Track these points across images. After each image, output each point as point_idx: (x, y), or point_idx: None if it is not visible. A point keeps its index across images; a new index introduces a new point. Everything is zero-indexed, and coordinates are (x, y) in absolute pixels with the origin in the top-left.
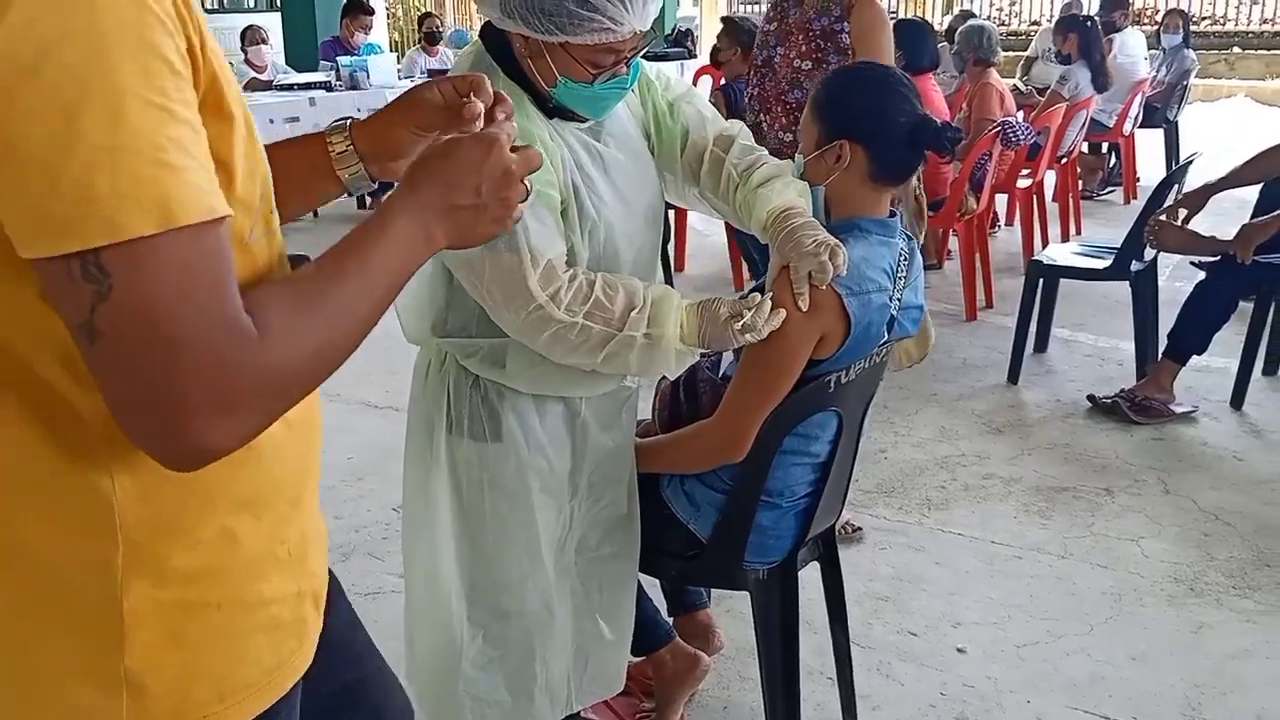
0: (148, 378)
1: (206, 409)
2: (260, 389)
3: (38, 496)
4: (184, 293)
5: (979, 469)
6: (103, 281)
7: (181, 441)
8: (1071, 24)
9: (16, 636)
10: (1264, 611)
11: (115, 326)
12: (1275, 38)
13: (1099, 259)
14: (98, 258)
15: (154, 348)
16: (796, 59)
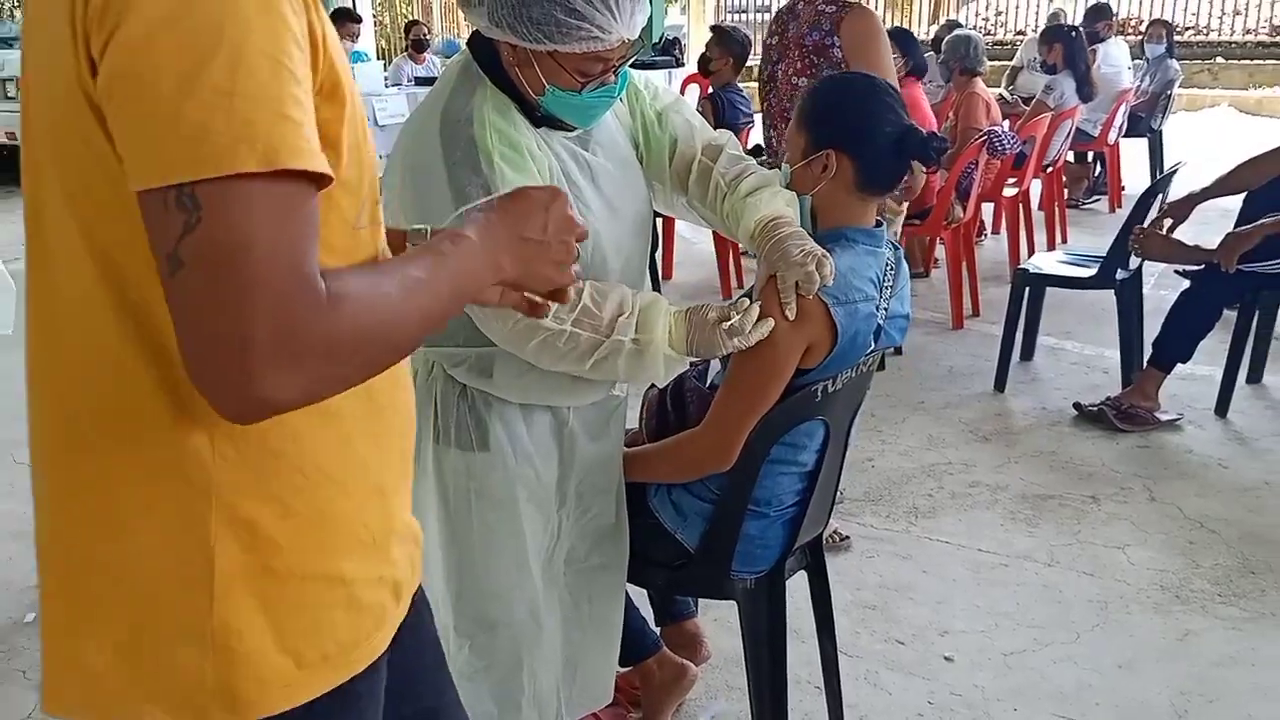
0: (218, 315)
1: (269, 357)
2: (323, 351)
3: (141, 450)
4: (267, 239)
5: (966, 477)
6: (192, 213)
7: (240, 387)
8: (1056, 34)
9: (114, 591)
10: (1249, 619)
11: (196, 258)
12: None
13: (1084, 268)
14: (192, 190)
15: (229, 285)
16: (794, 75)
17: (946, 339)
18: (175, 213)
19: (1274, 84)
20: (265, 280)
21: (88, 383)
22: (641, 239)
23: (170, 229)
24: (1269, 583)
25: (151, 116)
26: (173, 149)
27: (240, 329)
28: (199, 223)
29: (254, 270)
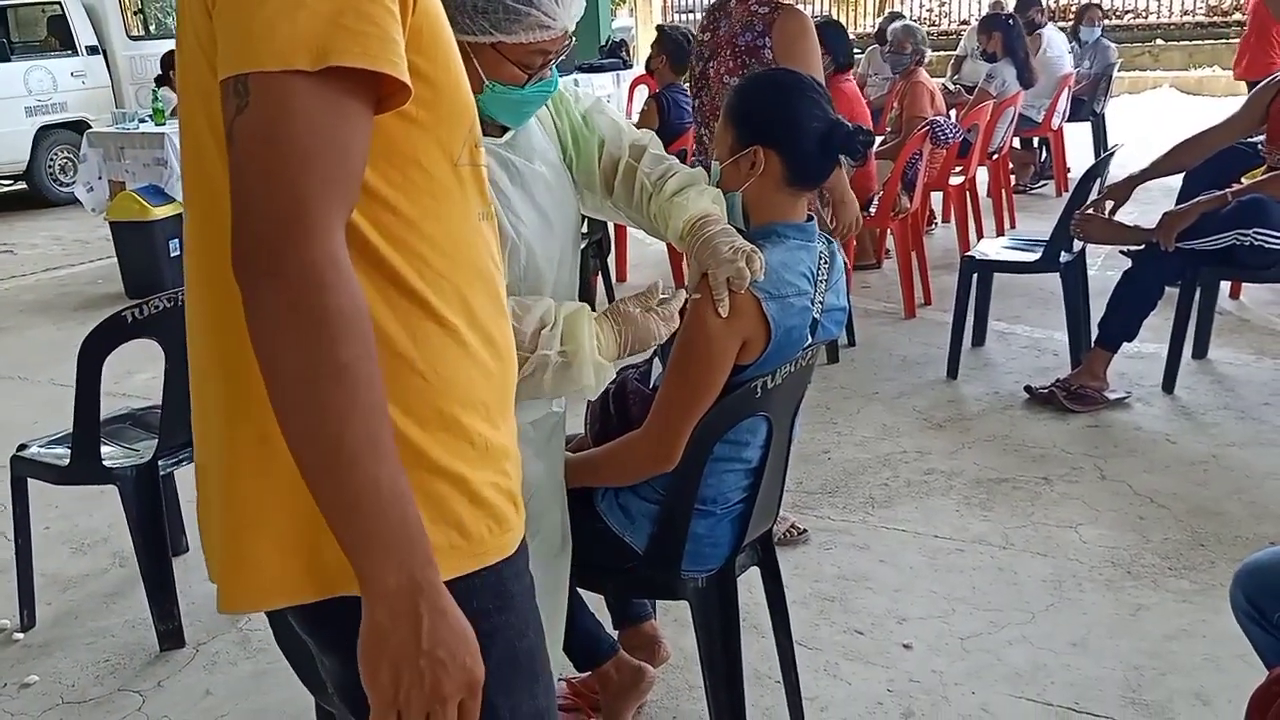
0: (241, 186)
1: (261, 243)
2: (294, 285)
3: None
4: (292, 139)
5: (920, 465)
6: (243, 98)
7: (243, 245)
8: (994, 23)
9: (271, 488)
10: (1199, 590)
11: (240, 136)
12: (1196, 28)
13: (1029, 252)
14: (246, 80)
15: (254, 165)
16: (725, 74)
17: (899, 329)
18: (232, 99)
19: (1213, 63)
20: (282, 177)
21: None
22: (573, 247)
23: (229, 111)
24: (1218, 554)
25: (234, 21)
26: (241, 46)
27: (251, 204)
28: (246, 108)
29: (275, 163)
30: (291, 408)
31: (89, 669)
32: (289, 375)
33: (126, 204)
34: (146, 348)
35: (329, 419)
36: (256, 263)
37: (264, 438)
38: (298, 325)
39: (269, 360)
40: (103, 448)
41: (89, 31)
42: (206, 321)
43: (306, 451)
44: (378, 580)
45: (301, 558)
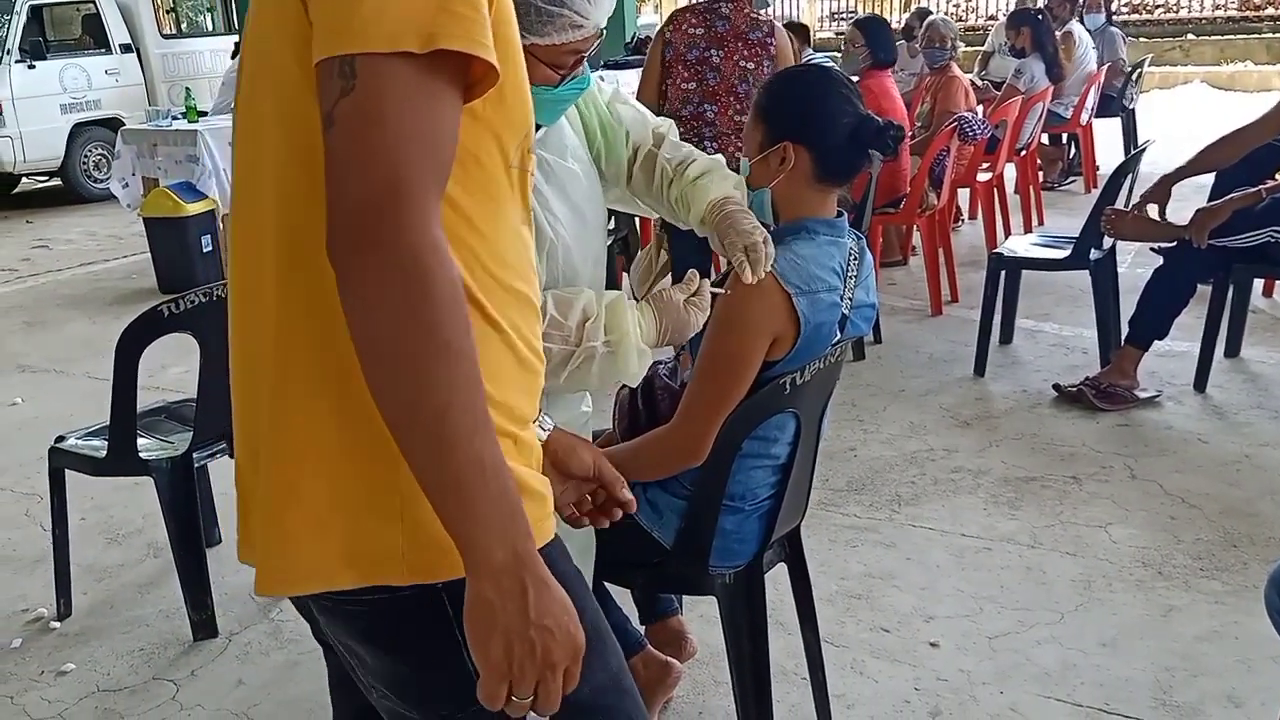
0: (346, 171)
1: (361, 225)
2: (399, 260)
3: (334, 324)
4: (400, 120)
5: (948, 463)
6: (349, 80)
7: (344, 225)
8: (1023, 18)
9: (313, 469)
10: (1231, 592)
11: (343, 119)
12: (1228, 23)
13: (1058, 249)
14: (353, 62)
15: (359, 148)
16: (741, 60)
17: (925, 326)
18: (336, 79)
19: (1245, 59)
20: (391, 158)
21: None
22: (603, 241)
23: (331, 92)
24: (1250, 556)
25: (340, 3)
26: (348, 27)
27: (353, 186)
28: (352, 89)
29: (379, 142)
30: (394, 385)
31: (124, 658)
32: (392, 352)
33: (160, 200)
34: (180, 342)
35: (434, 396)
36: (359, 243)
37: (312, 419)
38: (402, 303)
39: (370, 338)
40: (139, 440)
41: (122, 30)
42: (264, 304)
43: (409, 429)
44: (485, 555)
45: (340, 543)
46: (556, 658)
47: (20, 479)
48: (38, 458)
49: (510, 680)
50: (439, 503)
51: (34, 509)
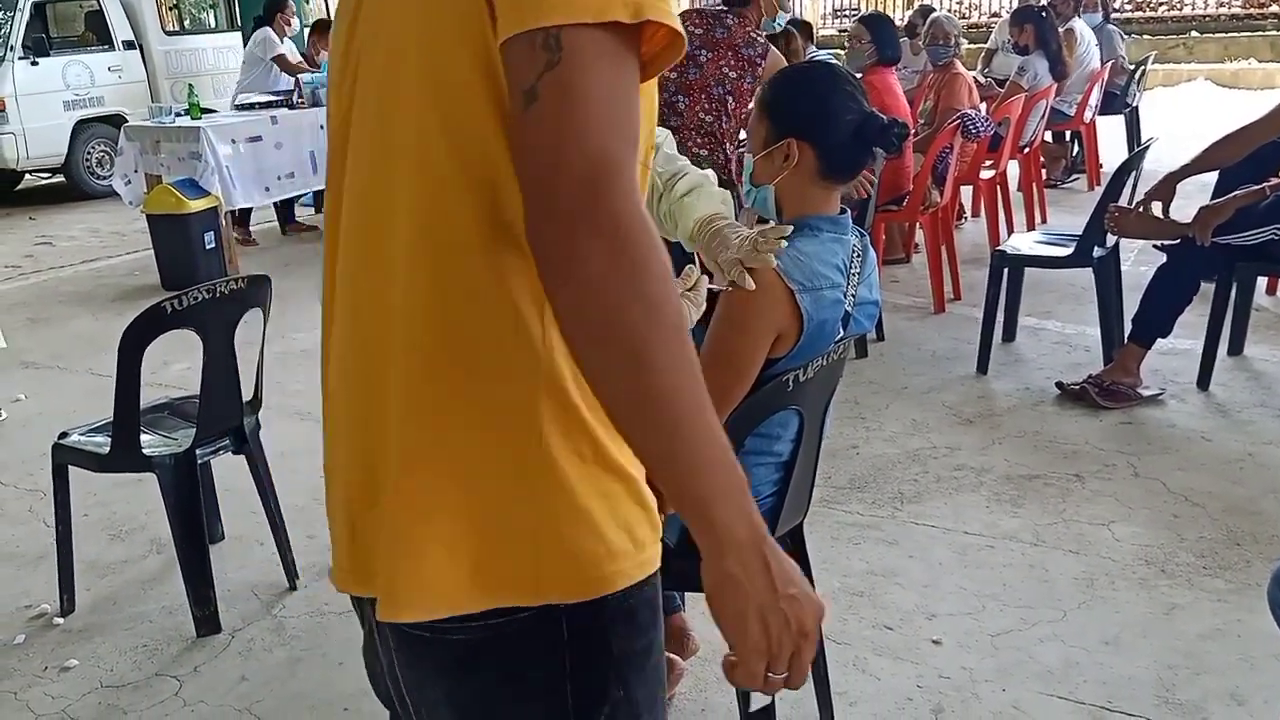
0: (554, 148)
1: (582, 201)
2: (619, 237)
3: (477, 339)
4: (606, 95)
5: (950, 460)
6: (555, 53)
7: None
8: (1027, 15)
9: (450, 485)
10: (1234, 590)
11: (549, 93)
12: (1232, 21)
13: (1061, 247)
14: (559, 34)
15: (569, 122)
16: (726, 67)
17: (928, 323)
18: (540, 52)
19: (1249, 56)
20: (596, 129)
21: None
22: None
23: (533, 67)
24: (1253, 554)
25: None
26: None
27: (567, 163)
28: (559, 62)
29: (589, 115)
30: (624, 367)
31: (127, 654)
32: (621, 333)
33: (162, 197)
34: (183, 339)
35: (668, 373)
36: (579, 221)
37: (448, 428)
38: (627, 281)
39: (596, 320)
40: (142, 436)
41: (125, 27)
42: (387, 306)
43: (643, 411)
44: (728, 532)
45: (470, 562)
46: (809, 625)
47: (23, 475)
48: (41, 454)
49: (769, 657)
50: (679, 486)
51: (37, 505)
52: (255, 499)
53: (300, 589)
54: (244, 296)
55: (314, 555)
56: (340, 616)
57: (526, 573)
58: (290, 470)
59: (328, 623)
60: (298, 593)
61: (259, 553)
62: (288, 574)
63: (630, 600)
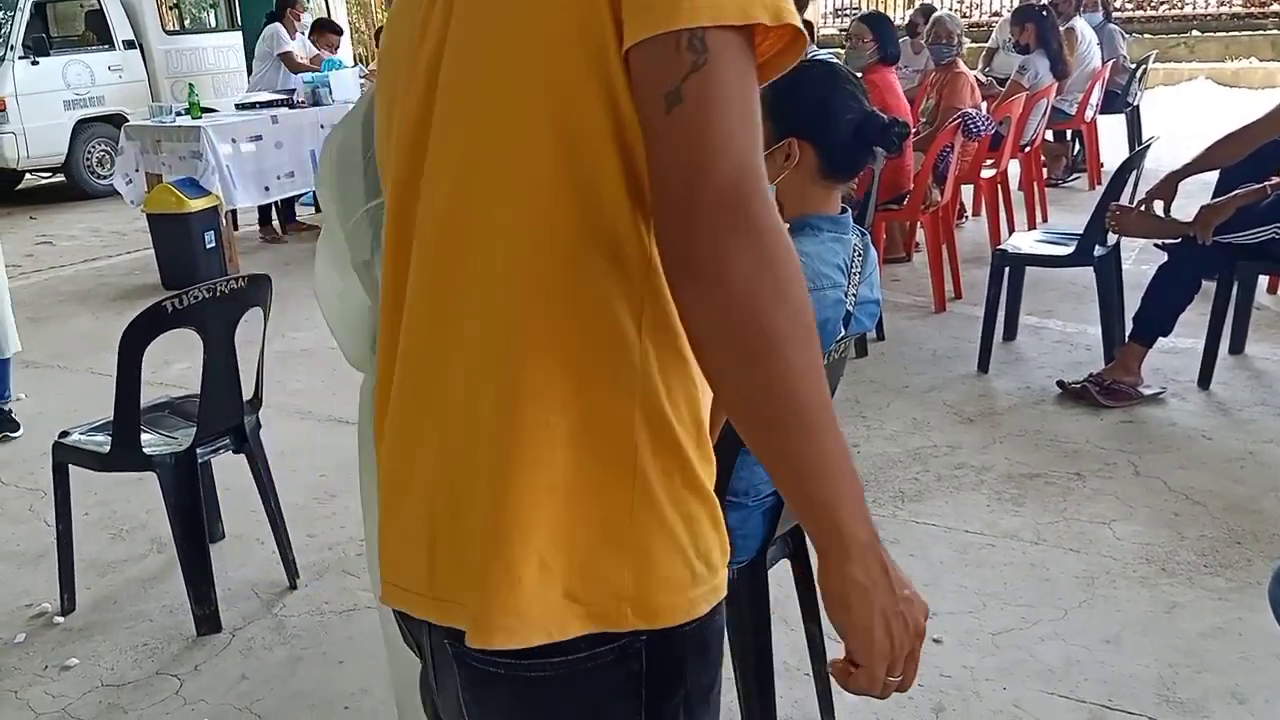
0: (701, 150)
1: (729, 201)
2: (765, 243)
3: (579, 349)
4: (744, 98)
5: (951, 459)
6: (700, 54)
7: (707, 209)
8: (1028, 14)
9: (544, 500)
10: (1235, 588)
11: (697, 96)
12: (1233, 20)
13: (1062, 246)
14: (704, 34)
15: (717, 124)
16: None
17: (929, 322)
18: (685, 53)
19: (1250, 55)
20: (739, 133)
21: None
22: None
23: (677, 68)
24: (1254, 552)
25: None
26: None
27: (713, 167)
28: (704, 64)
29: (733, 119)
30: (769, 375)
31: (127, 653)
32: (768, 342)
33: (163, 196)
34: (184, 338)
35: (807, 378)
36: (729, 227)
37: (548, 439)
38: (772, 288)
39: (743, 329)
40: (142, 435)
41: (126, 26)
42: (484, 315)
43: (784, 418)
44: (853, 536)
45: (563, 584)
46: (922, 625)
47: (24, 474)
48: (41, 453)
49: (892, 660)
50: (806, 489)
51: (38, 504)
52: (255, 498)
53: (301, 588)
54: (244, 296)
55: (314, 554)
56: (340, 615)
57: (618, 595)
58: (290, 469)
59: (328, 621)
60: (298, 591)
61: (259, 551)
62: (288, 573)
63: (704, 631)
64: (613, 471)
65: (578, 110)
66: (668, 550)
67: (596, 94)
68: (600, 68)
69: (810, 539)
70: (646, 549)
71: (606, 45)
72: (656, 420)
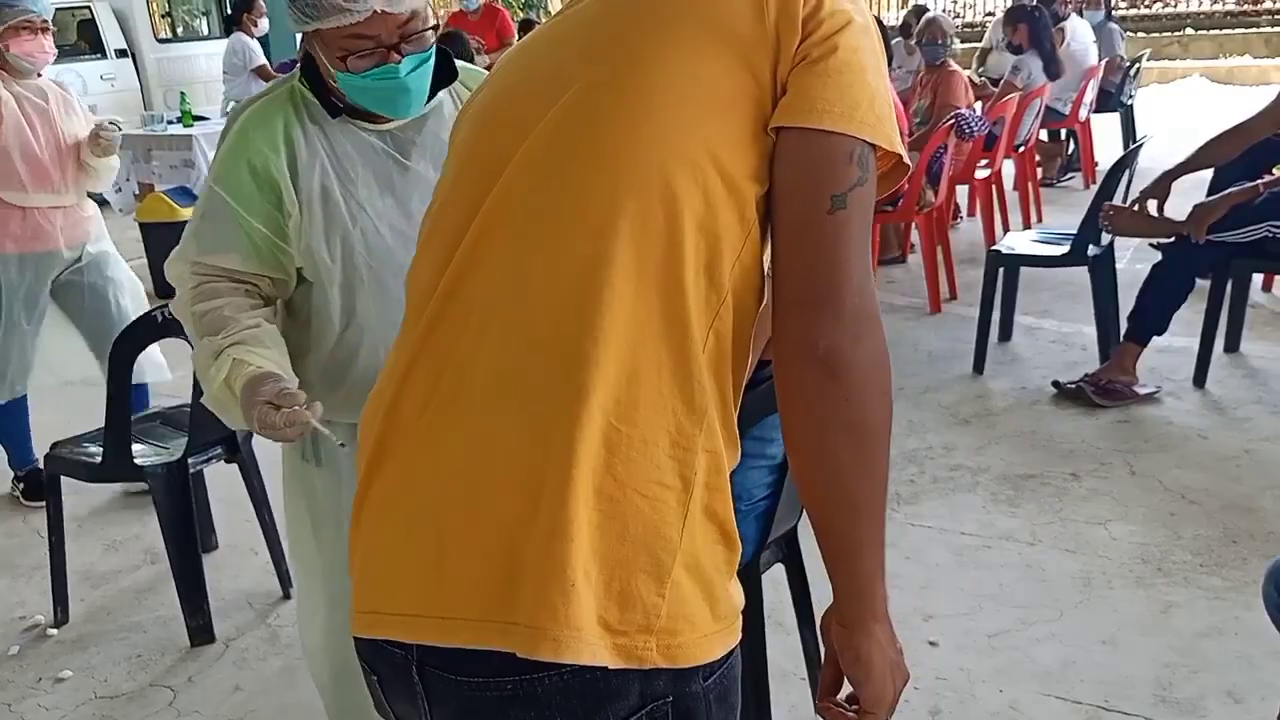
0: (849, 254)
1: (862, 300)
2: (880, 344)
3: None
4: (871, 216)
5: (947, 461)
6: (865, 171)
7: (846, 313)
8: (1020, 14)
9: (607, 526)
10: (1231, 588)
11: (857, 206)
12: (1227, 17)
13: (1057, 245)
14: (868, 153)
15: (862, 236)
16: None
17: (924, 323)
18: (855, 166)
19: (1244, 53)
20: (867, 250)
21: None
22: None
23: (847, 175)
24: (1250, 551)
25: (851, 83)
26: (862, 111)
27: (852, 275)
28: (865, 182)
29: (867, 235)
30: (868, 458)
31: (121, 664)
32: (875, 429)
33: (155, 205)
34: (175, 347)
35: (886, 467)
36: (863, 328)
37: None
38: (880, 383)
39: (860, 423)
40: (134, 446)
41: (118, 35)
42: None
43: (864, 497)
44: (881, 604)
45: (598, 605)
46: (907, 676)
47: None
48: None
49: (891, 706)
50: (862, 566)
51: (30, 516)
52: (249, 508)
53: (294, 598)
54: None
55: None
56: None
57: (647, 627)
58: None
59: None
60: (292, 602)
61: (253, 561)
62: (281, 583)
63: (725, 680)
64: (670, 506)
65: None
66: (698, 590)
67: (748, 161)
68: (756, 138)
69: (840, 602)
70: (682, 583)
71: (762, 118)
72: (716, 465)
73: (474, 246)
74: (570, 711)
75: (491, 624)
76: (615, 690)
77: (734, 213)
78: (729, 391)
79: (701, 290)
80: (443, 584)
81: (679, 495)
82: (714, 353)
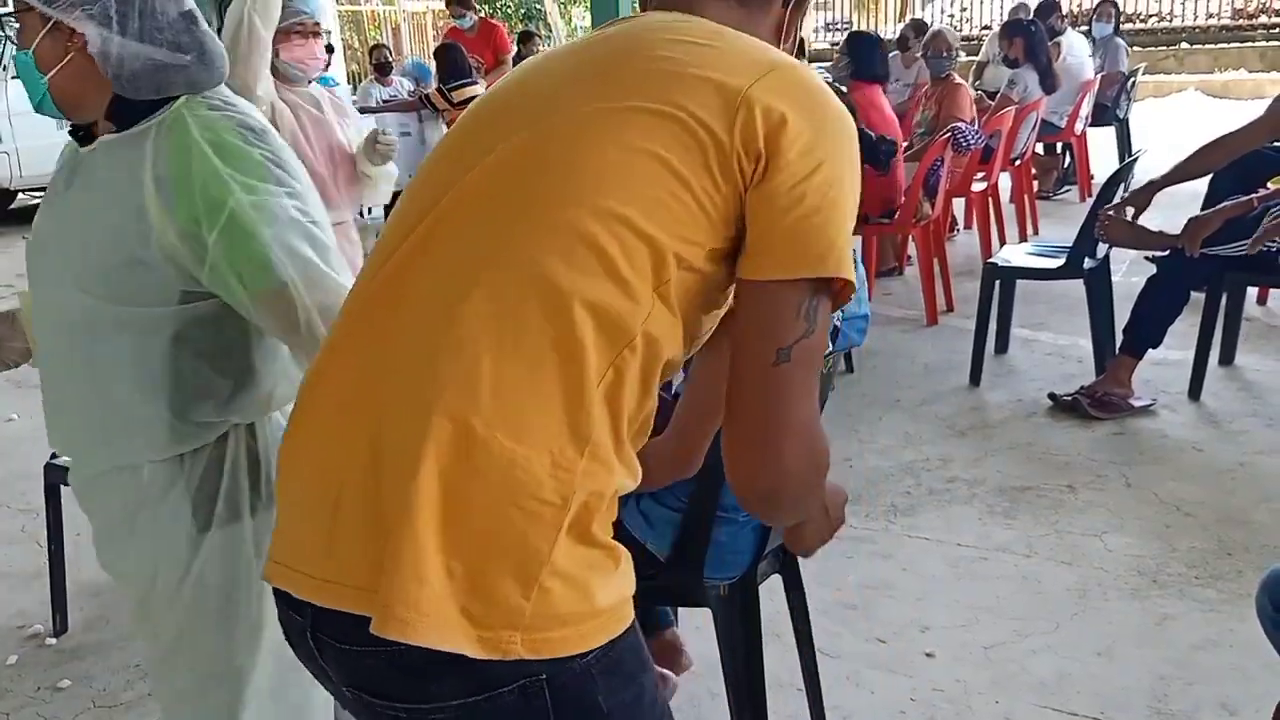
0: (789, 403)
1: (805, 445)
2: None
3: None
4: (820, 350)
5: (943, 473)
6: (812, 323)
7: (794, 462)
8: (1016, 28)
9: (478, 521)
10: (1226, 600)
11: (800, 361)
12: (1221, 31)
13: (1052, 258)
14: (817, 305)
15: (806, 390)
16: None
17: (921, 336)
18: (801, 321)
19: (1239, 66)
20: (815, 384)
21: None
22: None
23: (794, 330)
24: (1245, 563)
25: (814, 233)
26: (829, 255)
27: (804, 426)
28: (812, 333)
29: (813, 375)
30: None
31: (120, 673)
32: (807, 496)
33: None
34: None
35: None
36: (800, 466)
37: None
38: (816, 485)
39: (796, 511)
40: None
41: None
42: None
43: (805, 507)
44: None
45: (463, 591)
46: (843, 515)
47: (16, 495)
48: (33, 474)
49: None
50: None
51: (30, 525)
52: None
53: None
54: None
55: None
56: None
57: (501, 615)
58: None
59: None
60: None
61: None
62: None
63: (610, 654)
64: (547, 514)
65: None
66: (570, 590)
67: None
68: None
69: None
70: (550, 585)
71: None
72: (600, 490)
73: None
74: (440, 678)
75: (363, 591)
76: (484, 665)
77: (647, 273)
78: (625, 422)
79: (603, 333)
80: (333, 549)
81: (556, 511)
82: (611, 386)
